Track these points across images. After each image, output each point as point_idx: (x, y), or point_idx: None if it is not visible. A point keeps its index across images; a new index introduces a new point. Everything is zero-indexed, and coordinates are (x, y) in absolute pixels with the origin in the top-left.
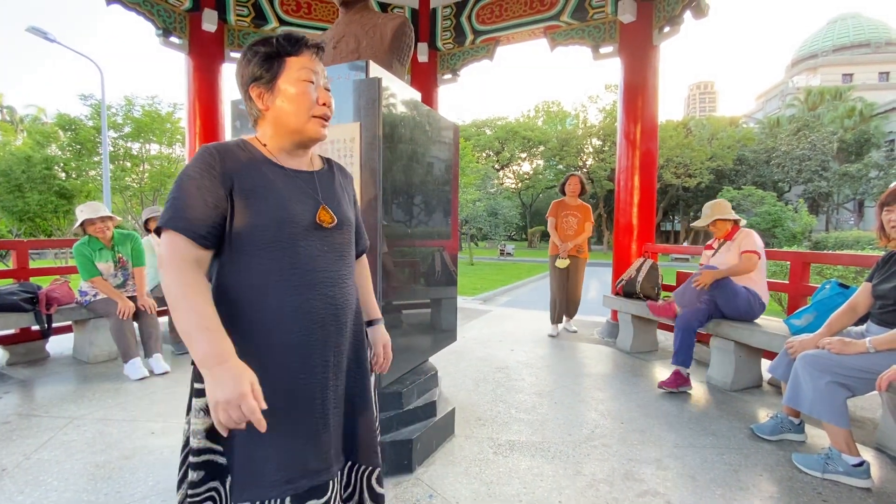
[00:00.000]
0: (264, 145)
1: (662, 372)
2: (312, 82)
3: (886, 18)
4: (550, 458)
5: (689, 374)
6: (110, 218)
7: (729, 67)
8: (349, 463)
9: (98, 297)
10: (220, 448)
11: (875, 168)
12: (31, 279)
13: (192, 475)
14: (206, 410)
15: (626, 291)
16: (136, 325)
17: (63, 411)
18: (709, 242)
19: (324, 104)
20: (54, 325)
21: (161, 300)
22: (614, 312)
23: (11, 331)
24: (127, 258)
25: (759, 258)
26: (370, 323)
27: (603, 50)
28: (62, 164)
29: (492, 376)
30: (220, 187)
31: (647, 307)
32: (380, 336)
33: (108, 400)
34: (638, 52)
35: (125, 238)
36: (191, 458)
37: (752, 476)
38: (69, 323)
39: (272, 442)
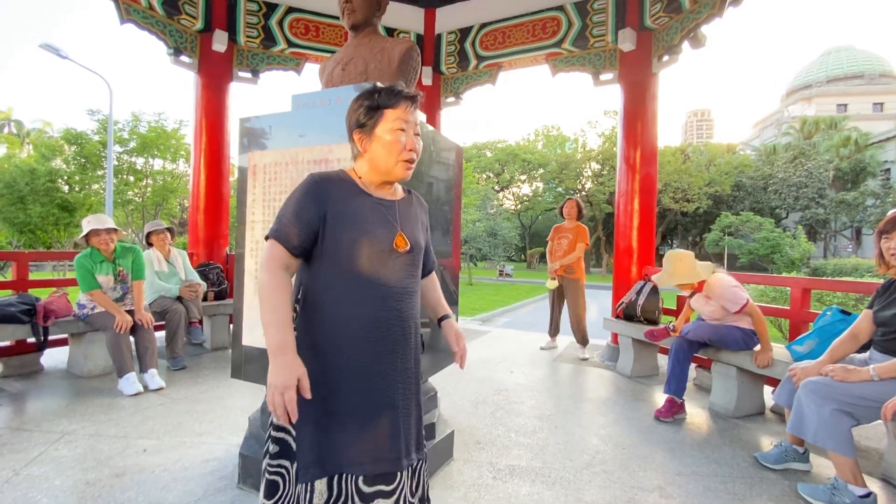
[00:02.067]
0: (359, 177)
1: (663, 397)
2: (404, 130)
3: (879, 51)
4: (551, 484)
5: (683, 400)
6: (115, 231)
7: (725, 96)
8: (418, 461)
9: (96, 311)
10: (293, 432)
11: (871, 196)
12: (30, 291)
13: (271, 447)
14: None
15: (627, 314)
16: (132, 339)
17: (55, 426)
18: None
19: (410, 150)
20: (50, 337)
21: (158, 315)
22: (615, 335)
23: (7, 342)
24: (127, 271)
25: (748, 303)
26: (441, 319)
27: (603, 77)
28: (66, 178)
29: (491, 398)
30: (316, 210)
31: (645, 334)
32: (452, 329)
33: (100, 415)
34: (637, 80)
35: (126, 251)
36: (271, 432)
37: None
38: (65, 336)
39: (352, 426)
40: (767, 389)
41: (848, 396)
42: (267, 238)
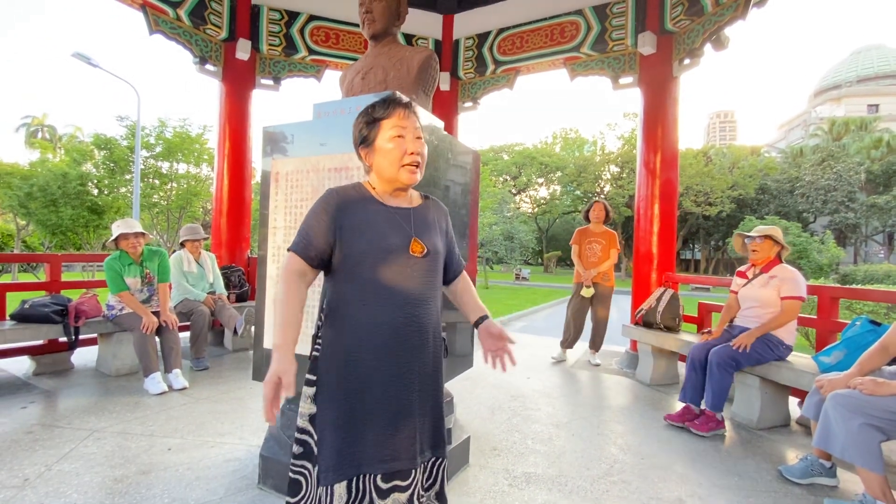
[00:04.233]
0: (374, 188)
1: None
2: (402, 136)
3: None
4: (567, 493)
5: (701, 410)
6: (143, 234)
7: (749, 97)
8: (433, 458)
9: (124, 312)
10: (315, 436)
11: None
12: (62, 292)
13: (294, 448)
14: (314, 398)
15: (646, 321)
16: (157, 339)
17: (84, 423)
18: (741, 269)
19: (412, 153)
20: (81, 337)
21: (183, 316)
22: (633, 343)
23: (40, 341)
24: (154, 274)
25: (803, 301)
26: (480, 321)
27: (623, 80)
28: (96, 181)
29: (507, 405)
30: (332, 222)
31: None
32: (492, 329)
33: (127, 414)
34: (658, 83)
35: (153, 254)
36: (296, 434)
37: None
38: (95, 335)
39: (370, 429)
40: (793, 401)
41: (877, 410)
42: (289, 250)
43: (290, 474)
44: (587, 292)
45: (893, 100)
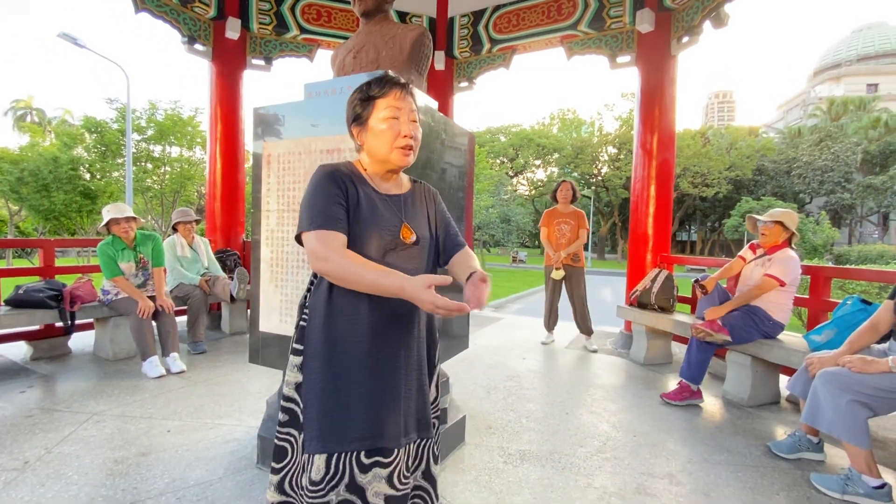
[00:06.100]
0: (364, 169)
1: (676, 385)
2: (397, 118)
3: None
4: (561, 469)
5: (699, 388)
6: (134, 219)
7: (749, 76)
8: (419, 440)
9: (119, 296)
10: (301, 404)
11: None
12: (56, 277)
13: (280, 416)
14: (300, 367)
15: (641, 302)
16: (154, 323)
17: (83, 407)
18: (755, 241)
19: (406, 136)
20: (77, 322)
21: (179, 300)
22: (628, 323)
23: (36, 327)
24: (148, 258)
25: (784, 286)
26: (471, 275)
27: (620, 59)
28: (87, 166)
29: (503, 384)
30: (342, 193)
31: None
32: (477, 275)
33: (126, 397)
34: (655, 62)
35: (146, 238)
36: (281, 402)
37: (768, 495)
38: (91, 320)
39: (354, 406)
40: (783, 379)
41: (865, 387)
42: (300, 234)
43: (276, 441)
44: (557, 274)
45: (893, 79)
